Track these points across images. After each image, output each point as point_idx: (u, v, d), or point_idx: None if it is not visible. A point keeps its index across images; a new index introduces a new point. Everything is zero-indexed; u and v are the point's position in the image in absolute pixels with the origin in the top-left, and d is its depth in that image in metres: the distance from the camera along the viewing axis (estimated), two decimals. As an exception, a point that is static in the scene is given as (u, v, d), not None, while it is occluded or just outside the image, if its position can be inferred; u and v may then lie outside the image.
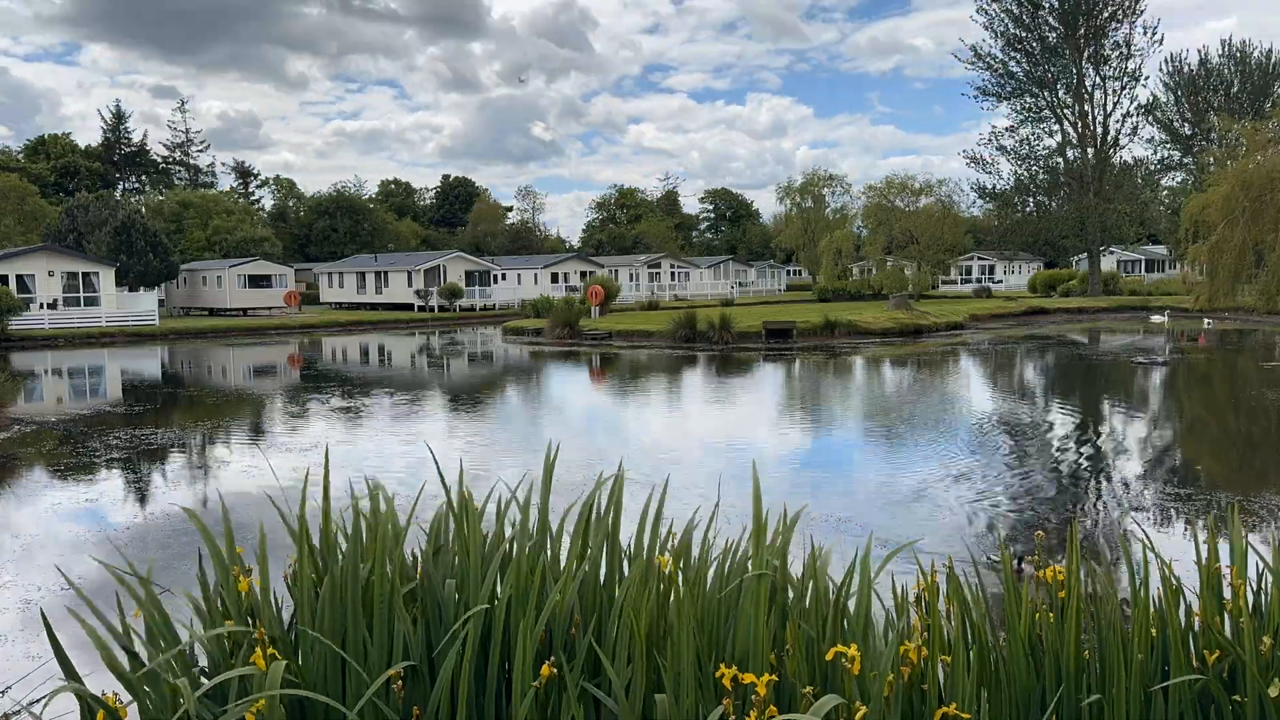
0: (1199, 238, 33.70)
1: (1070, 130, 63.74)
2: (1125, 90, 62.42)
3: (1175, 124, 67.76)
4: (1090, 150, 63.00)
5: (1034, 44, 62.68)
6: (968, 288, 73.52)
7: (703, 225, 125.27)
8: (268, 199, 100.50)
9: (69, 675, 3.06)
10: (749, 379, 25.51)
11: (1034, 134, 64.70)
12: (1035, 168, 65.16)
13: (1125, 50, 61.48)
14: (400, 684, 3.10)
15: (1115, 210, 62.77)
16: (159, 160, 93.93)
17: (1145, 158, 68.32)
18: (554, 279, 67.38)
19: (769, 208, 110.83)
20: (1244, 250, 29.67)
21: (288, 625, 3.37)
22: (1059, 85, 63.05)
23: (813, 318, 38.22)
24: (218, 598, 3.37)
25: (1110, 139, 62.88)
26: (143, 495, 11.99)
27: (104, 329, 44.15)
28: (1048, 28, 62.14)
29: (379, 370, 30.15)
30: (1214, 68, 66.27)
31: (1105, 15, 60.75)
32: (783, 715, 2.63)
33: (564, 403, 21.57)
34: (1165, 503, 10.61)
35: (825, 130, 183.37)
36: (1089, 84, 62.54)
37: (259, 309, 58.08)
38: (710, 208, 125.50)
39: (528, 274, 68.08)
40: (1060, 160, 64.49)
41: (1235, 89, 65.18)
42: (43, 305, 45.50)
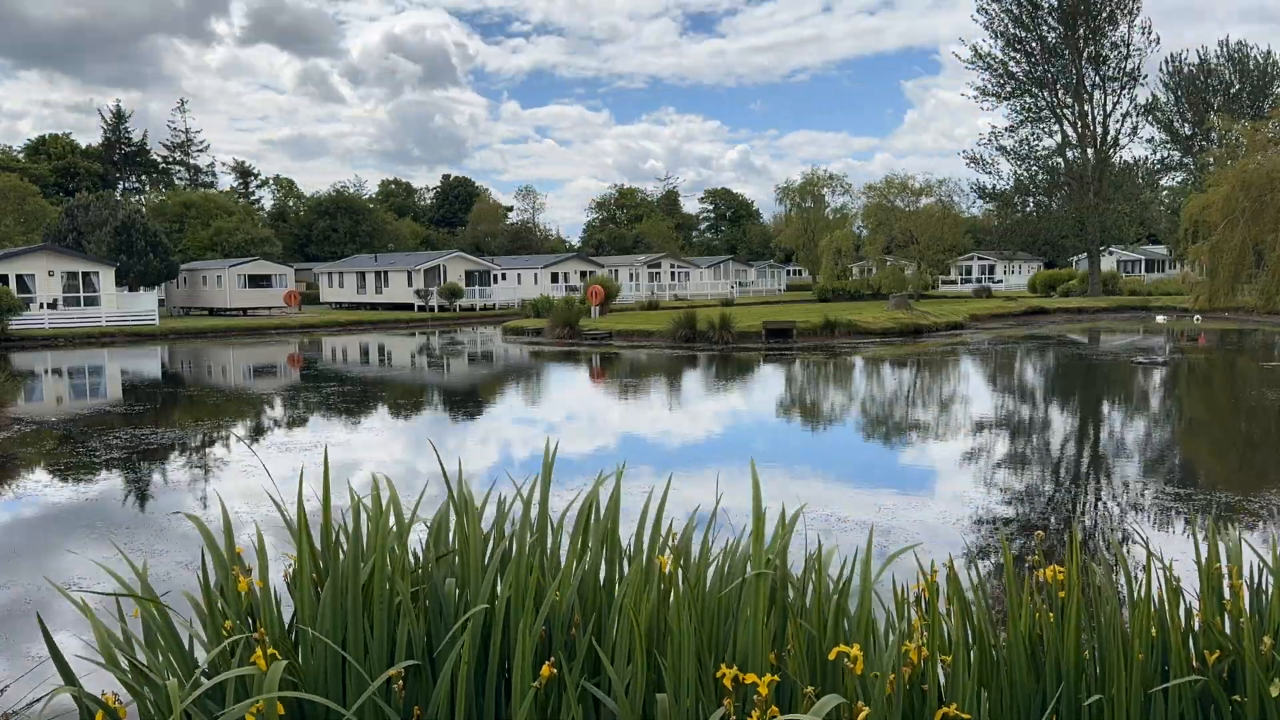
0: (1199, 238, 33.70)
1: (1070, 130, 63.78)
2: (1125, 90, 62.51)
3: (1175, 124, 67.76)
4: (1090, 150, 63.02)
5: (1033, 44, 62.70)
6: (968, 288, 73.52)
7: (703, 225, 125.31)
8: (268, 199, 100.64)
9: (65, 676, 3.06)
10: (749, 379, 25.52)
11: (1034, 134, 64.78)
12: (1035, 168, 65.19)
13: (1124, 50, 61.53)
14: (401, 684, 3.10)
15: (1115, 210, 62.78)
16: (159, 160, 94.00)
17: (1145, 158, 68.41)
18: (554, 279, 67.39)
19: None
20: (1244, 250, 29.67)
21: (289, 625, 3.36)
22: (1058, 85, 63.05)
23: (813, 318, 38.23)
24: (218, 598, 3.37)
25: (1110, 139, 62.91)
26: (142, 494, 11.98)
27: (104, 329, 44.15)
28: (1047, 28, 62.15)
29: (379, 370, 30.15)
30: (1214, 68, 66.28)
31: (1104, 15, 60.77)
32: (784, 715, 2.63)
33: (564, 402, 21.56)
34: (1165, 502, 10.61)
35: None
36: (1088, 84, 62.57)
37: (259, 309, 58.08)
38: (710, 208, 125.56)
39: (528, 274, 68.09)
40: (1060, 160, 64.50)
41: (1235, 89, 65.19)
42: (43, 305, 45.49)
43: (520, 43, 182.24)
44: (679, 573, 3.37)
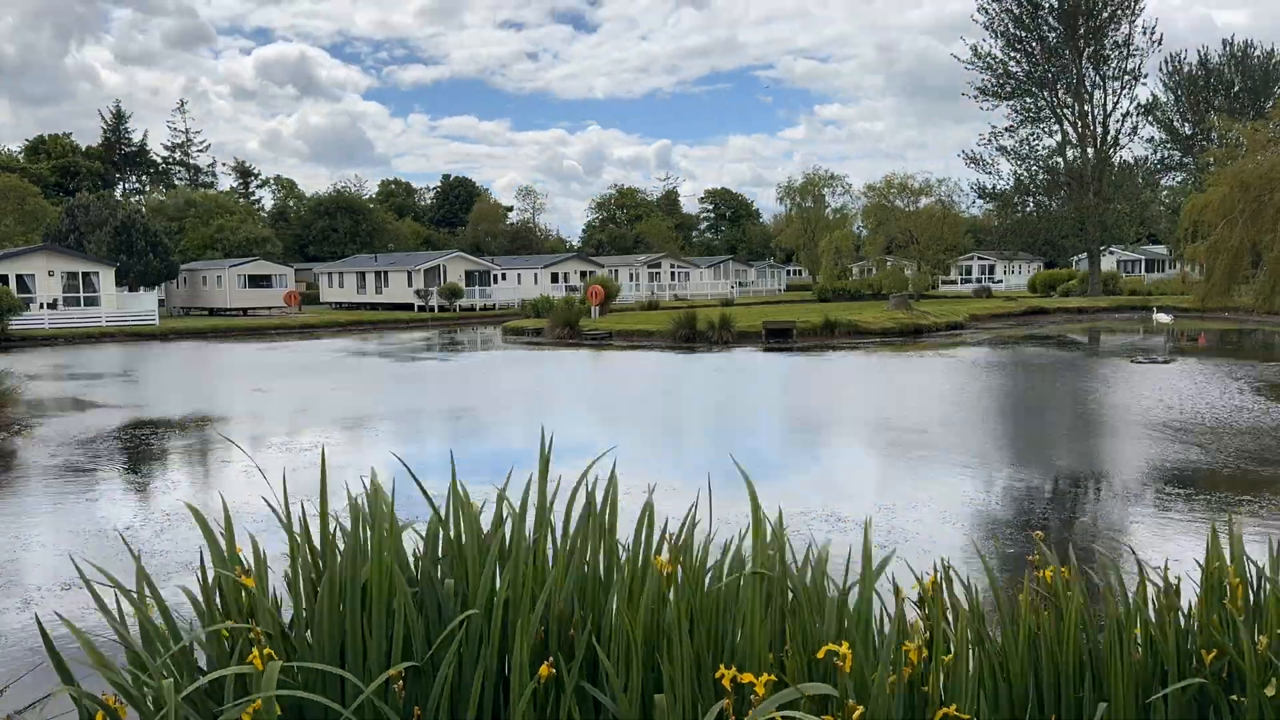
0: (1198, 238, 33.68)
1: (1070, 130, 63.76)
2: (1125, 90, 62.47)
3: (1175, 124, 67.78)
4: (1090, 150, 63.00)
5: (1034, 44, 62.68)
6: (968, 288, 73.51)
7: (703, 225, 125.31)
8: (268, 198, 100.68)
9: (63, 676, 3.06)
10: (749, 378, 25.51)
11: (1034, 134, 64.73)
12: (1035, 168, 65.17)
13: (1125, 50, 61.50)
14: (401, 684, 3.10)
15: (1115, 210, 62.76)
16: (159, 160, 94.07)
17: (1145, 157, 68.41)
18: (554, 279, 67.40)
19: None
20: (1241, 250, 29.65)
21: (288, 624, 3.36)
22: (1059, 85, 63.04)
23: (813, 317, 38.23)
24: (216, 596, 3.37)
25: (1110, 139, 62.88)
26: (142, 492, 11.98)
27: (104, 329, 44.16)
28: (1047, 27, 62.13)
29: (380, 369, 30.14)
30: (1214, 67, 66.29)
31: (1105, 15, 60.76)
32: (784, 715, 2.63)
33: (564, 401, 21.56)
34: (1165, 501, 10.61)
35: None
36: (1089, 84, 62.55)
37: (259, 309, 58.08)
38: (710, 208, 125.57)
39: (528, 274, 68.10)
40: (1060, 160, 64.48)
41: (1236, 88, 65.20)
42: (43, 305, 45.51)
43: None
44: (677, 572, 3.37)
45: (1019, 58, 63.45)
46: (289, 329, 48.52)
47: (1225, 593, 3.32)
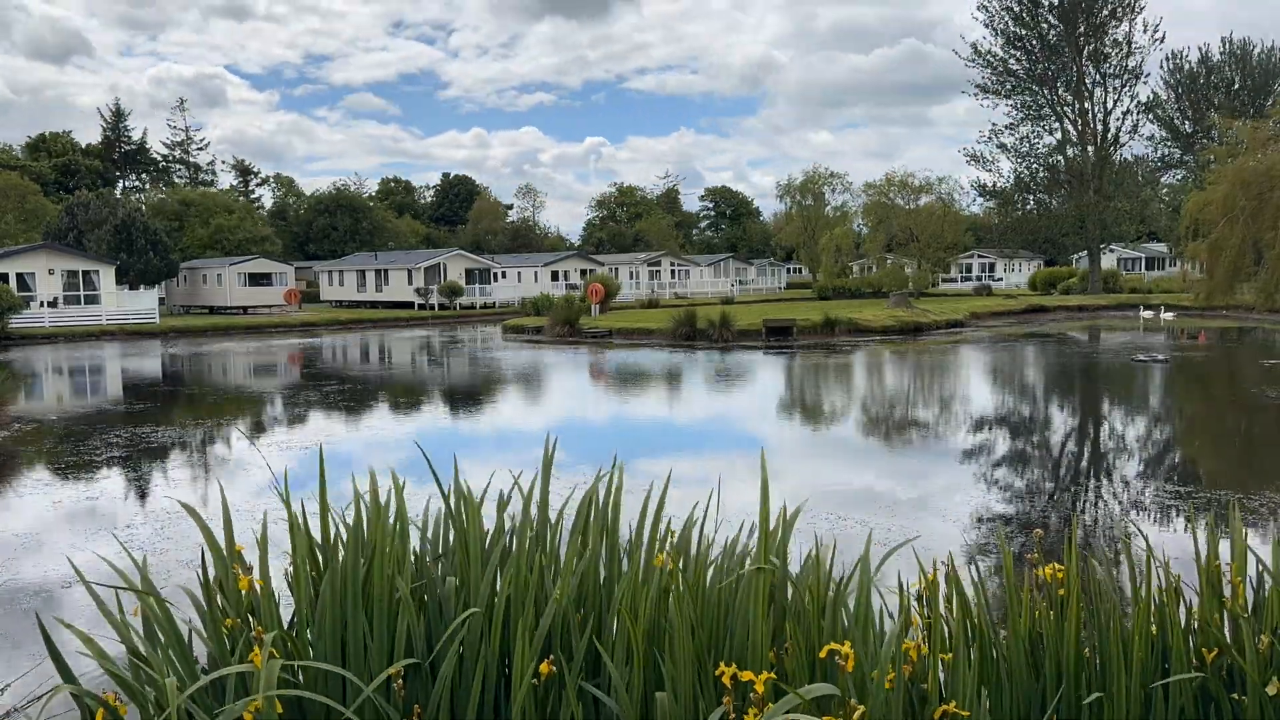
0: (1199, 236, 33.69)
1: (1070, 128, 63.70)
2: (1126, 88, 62.39)
3: (1176, 121, 67.69)
4: (1090, 148, 62.93)
5: (1034, 41, 62.60)
6: (968, 285, 73.48)
7: (703, 223, 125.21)
8: (268, 197, 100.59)
9: (63, 674, 3.06)
10: (749, 377, 25.51)
11: (1034, 131, 64.67)
12: (1035, 165, 65.12)
13: (1125, 48, 61.41)
14: (401, 683, 3.10)
15: (1115, 208, 62.71)
16: (159, 158, 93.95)
17: (1146, 155, 68.35)
18: (554, 277, 67.39)
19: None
20: (1243, 248, 29.65)
21: (289, 623, 3.36)
22: (1059, 83, 62.97)
23: (813, 315, 38.22)
24: (217, 595, 3.37)
25: (1110, 137, 62.82)
26: (142, 492, 11.98)
27: (104, 327, 44.16)
28: (1047, 25, 62.06)
29: (379, 369, 30.15)
30: (1215, 65, 66.21)
31: (1105, 13, 60.68)
32: (783, 715, 2.63)
33: (564, 400, 21.57)
34: (1165, 500, 10.61)
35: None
36: (1089, 81, 62.48)
37: (259, 307, 58.06)
38: (710, 205, 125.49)
39: (528, 272, 68.07)
40: (1060, 158, 64.42)
41: (1236, 86, 65.12)
42: (43, 303, 45.50)
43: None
44: (679, 570, 3.37)
45: (1019, 55, 63.39)
46: (289, 327, 48.51)
47: (1224, 590, 3.32)
